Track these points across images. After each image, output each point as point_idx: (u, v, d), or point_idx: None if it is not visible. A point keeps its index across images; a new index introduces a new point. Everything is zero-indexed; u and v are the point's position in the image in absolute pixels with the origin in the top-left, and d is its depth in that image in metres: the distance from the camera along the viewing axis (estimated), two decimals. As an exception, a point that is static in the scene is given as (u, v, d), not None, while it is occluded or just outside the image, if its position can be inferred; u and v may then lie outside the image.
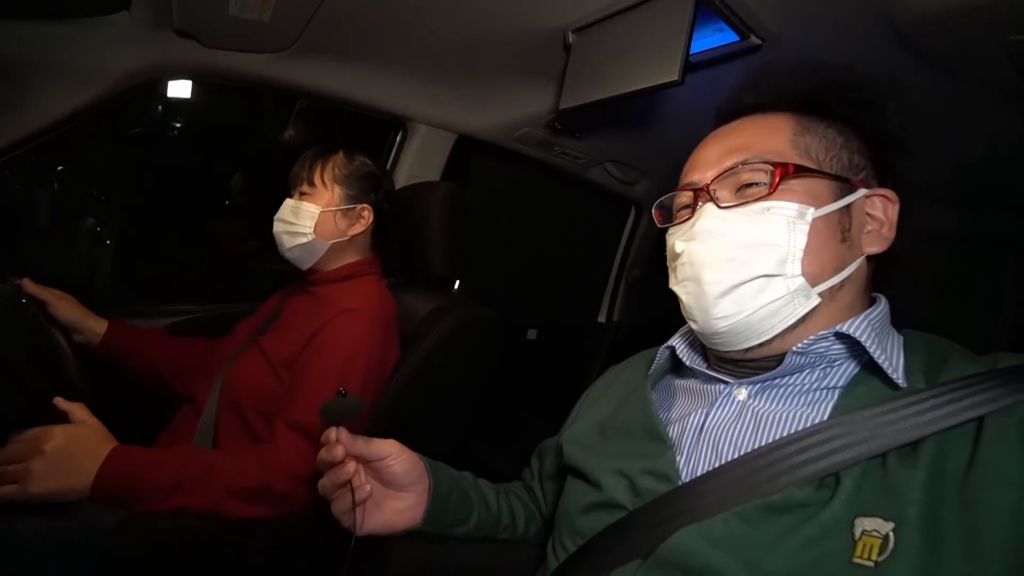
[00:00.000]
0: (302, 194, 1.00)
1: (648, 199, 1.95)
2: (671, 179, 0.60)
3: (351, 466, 0.58)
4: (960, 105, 0.92)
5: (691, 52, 0.79)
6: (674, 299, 0.57)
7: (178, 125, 1.71)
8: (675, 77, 0.79)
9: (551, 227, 2.09)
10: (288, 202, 1.01)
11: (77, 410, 0.74)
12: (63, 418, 0.73)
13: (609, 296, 2.18)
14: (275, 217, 1.01)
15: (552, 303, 2.11)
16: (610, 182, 1.79)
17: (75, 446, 0.70)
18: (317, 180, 1.00)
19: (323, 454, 0.57)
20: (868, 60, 0.84)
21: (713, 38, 0.88)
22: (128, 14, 0.95)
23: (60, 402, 0.74)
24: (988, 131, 0.99)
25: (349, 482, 0.57)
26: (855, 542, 0.40)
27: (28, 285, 0.90)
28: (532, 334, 1.96)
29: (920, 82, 0.85)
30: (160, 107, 1.66)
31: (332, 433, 0.57)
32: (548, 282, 2.12)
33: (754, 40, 0.85)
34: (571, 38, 0.97)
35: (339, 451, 0.56)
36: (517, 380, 1.93)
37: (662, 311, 0.64)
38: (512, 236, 1.96)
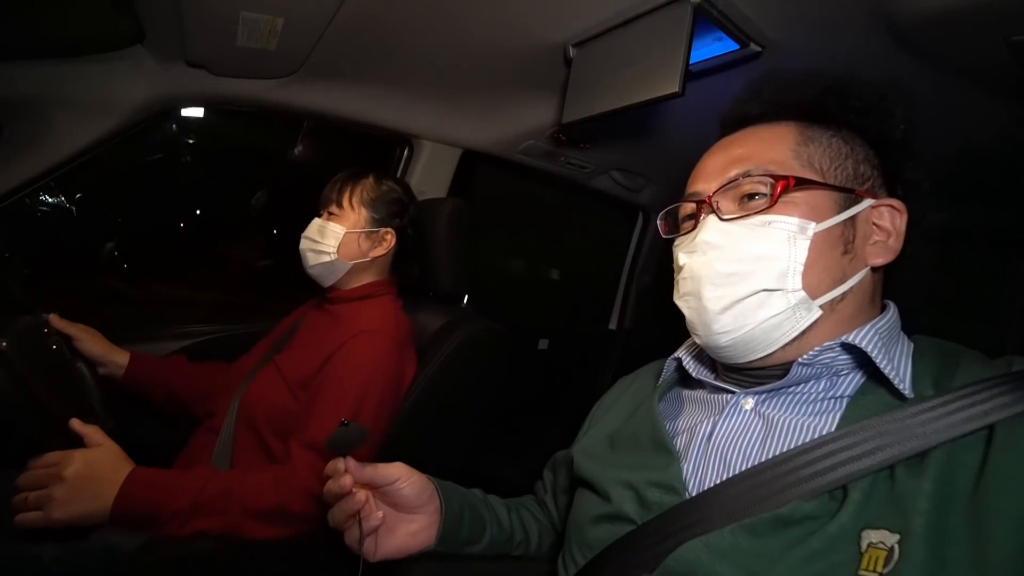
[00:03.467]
0: (330, 214, 1.03)
1: (654, 205, 1.94)
2: (676, 185, 0.60)
3: (361, 495, 0.57)
4: (964, 104, 0.91)
5: (692, 61, 0.80)
6: None
7: (191, 143, 1.76)
8: (675, 88, 0.79)
9: (560, 236, 2.09)
10: (316, 221, 1.04)
11: (93, 433, 0.76)
12: (80, 442, 0.74)
13: (619, 303, 2.17)
14: (303, 235, 1.05)
15: (563, 312, 2.11)
16: (616, 190, 1.80)
17: (94, 470, 0.71)
18: (345, 202, 1.03)
19: (331, 485, 0.57)
20: (868, 63, 0.83)
21: (713, 47, 0.89)
22: (141, 48, 0.98)
23: (76, 424, 0.75)
24: (994, 128, 0.97)
25: (359, 512, 0.57)
26: (861, 554, 0.40)
27: (55, 320, 0.92)
28: (543, 344, 1.96)
29: (922, 82, 0.84)
30: (173, 128, 1.70)
31: (340, 463, 0.57)
32: (558, 291, 2.12)
33: (754, 48, 0.85)
34: (572, 52, 0.98)
35: (347, 481, 0.56)
36: (529, 391, 1.93)
37: (673, 317, 0.64)
38: (521, 247, 1.97)
